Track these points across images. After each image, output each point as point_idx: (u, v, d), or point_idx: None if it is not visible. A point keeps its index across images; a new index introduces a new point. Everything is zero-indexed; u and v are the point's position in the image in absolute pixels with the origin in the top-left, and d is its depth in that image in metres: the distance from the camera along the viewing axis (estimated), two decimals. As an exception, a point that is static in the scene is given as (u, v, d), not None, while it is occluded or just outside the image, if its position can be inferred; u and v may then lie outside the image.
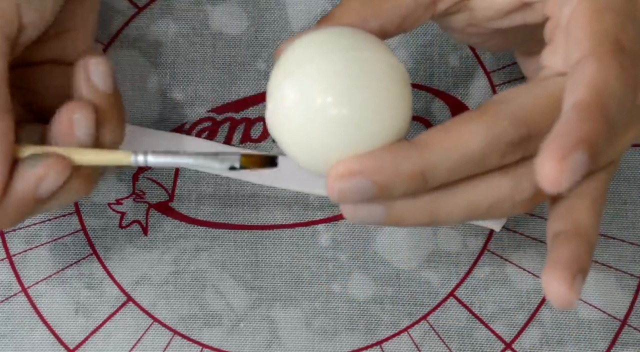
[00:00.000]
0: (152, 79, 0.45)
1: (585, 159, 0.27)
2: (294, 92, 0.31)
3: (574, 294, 0.31)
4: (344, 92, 0.31)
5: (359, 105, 0.31)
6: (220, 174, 0.44)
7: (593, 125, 0.28)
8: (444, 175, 0.31)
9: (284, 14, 0.46)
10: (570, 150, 0.27)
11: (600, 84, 0.29)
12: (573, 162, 0.27)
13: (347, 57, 0.31)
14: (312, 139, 0.31)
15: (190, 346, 0.42)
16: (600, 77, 0.29)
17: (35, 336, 0.41)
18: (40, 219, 0.43)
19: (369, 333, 0.42)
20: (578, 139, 0.27)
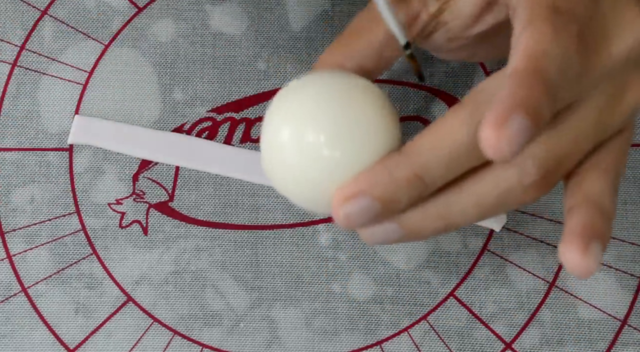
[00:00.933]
0: (152, 79, 0.45)
1: (526, 123, 0.27)
2: (285, 133, 0.32)
3: (589, 261, 0.31)
4: (332, 131, 0.32)
5: (348, 141, 0.32)
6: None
7: (529, 90, 0.28)
8: (441, 172, 0.31)
9: (284, 14, 0.46)
10: (507, 116, 0.27)
11: (533, 49, 0.29)
12: (512, 127, 0.27)
13: (333, 97, 0.32)
14: (305, 177, 0.32)
15: (190, 346, 0.42)
16: (533, 42, 0.29)
17: (35, 336, 0.41)
18: (40, 219, 0.43)
19: (369, 333, 0.42)
20: (514, 104, 0.28)
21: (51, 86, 0.45)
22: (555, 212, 0.43)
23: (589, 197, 0.33)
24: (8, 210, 0.43)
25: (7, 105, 0.44)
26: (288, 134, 0.32)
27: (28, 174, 0.44)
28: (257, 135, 0.44)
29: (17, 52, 0.45)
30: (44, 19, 0.46)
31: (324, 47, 0.45)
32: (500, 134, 0.27)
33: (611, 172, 0.33)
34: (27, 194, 0.43)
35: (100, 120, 0.44)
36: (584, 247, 0.31)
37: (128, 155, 0.44)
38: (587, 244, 0.31)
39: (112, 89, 0.45)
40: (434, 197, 0.32)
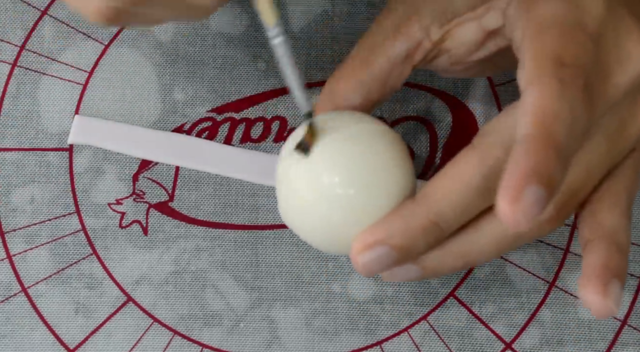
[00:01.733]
0: (152, 79, 0.45)
1: (540, 192, 0.27)
2: (302, 176, 0.33)
3: (610, 301, 0.31)
4: (348, 172, 0.33)
5: (364, 182, 0.33)
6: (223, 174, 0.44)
7: (541, 157, 0.28)
8: (456, 216, 0.32)
9: (284, 14, 0.46)
10: (521, 189, 0.27)
11: (542, 111, 0.29)
12: (527, 199, 0.27)
13: (346, 138, 0.33)
14: (323, 219, 0.33)
15: (190, 346, 0.42)
16: (541, 103, 0.29)
17: (35, 336, 0.41)
18: (40, 219, 0.43)
19: (369, 333, 0.42)
20: (526, 175, 0.27)
21: (51, 86, 0.45)
22: (555, 212, 0.43)
23: (605, 231, 0.33)
24: (8, 210, 0.43)
25: (7, 105, 0.44)
26: (303, 175, 0.33)
27: (28, 174, 0.44)
28: (257, 135, 0.44)
29: (17, 52, 0.45)
30: (44, 19, 0.46)
31: (324, 47, 0.45)
32: (516, 208, 0.27)
33: (624, 195, 0.34)
34: (27, 194, 0.43)
35: (100, 121, 0.44)
36: (604, 288, 0.31)
37: (128, 155, 0.44)
38: (607, 285, 0.31)
39: (112, 89, 0.45)
40: (452, 238, 0.33)
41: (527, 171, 0.27)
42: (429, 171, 0.44)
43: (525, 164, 0.28)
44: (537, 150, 0.28)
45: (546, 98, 0.29)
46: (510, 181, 0.27)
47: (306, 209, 0.34)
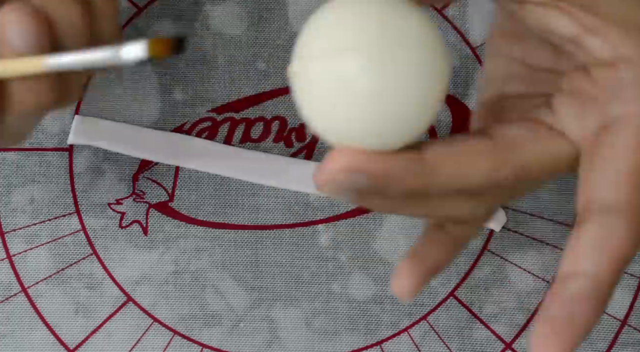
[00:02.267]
0: (152, 79, 0.45)
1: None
2: (323, 54, 0.28)
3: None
4: (376, 59, 0.28)
5: (391, 79, 0.28)
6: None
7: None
8: (440, 193, 0.31)
9: (284, 14, 0.46)
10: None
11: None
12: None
13: (384, 21, 0.28)
14: (335, 106, 0.29)
15: (190, 346, 0.42)
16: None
17: (35, 336, 0.41)
18: (40, 219, 0.43)
19: (369, 333, 0.42)
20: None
21: (51, 86, 0.45)
22: (556, 212, 0.43)
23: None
24: (8, 210, 0.43)
25: (7, 105, 0.44)
26: (324, 53, 0.28)
27: (28, 174, 0.43)
28: (257, 135, 0.44)
29: (17, 52, 0.45)
30: (44, 19, 0.46)
31: (324, 47, 0.45)
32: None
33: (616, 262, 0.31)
34: (27, 194, 0.43)
35: (100, 121, 0.44)
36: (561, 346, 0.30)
37: (128, 156, 0.44)
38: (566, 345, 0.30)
39: (112, 89, 0.45)
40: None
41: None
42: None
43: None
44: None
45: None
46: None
47: (319, 90, 0.29)
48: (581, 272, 0.30)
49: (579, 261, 0.30)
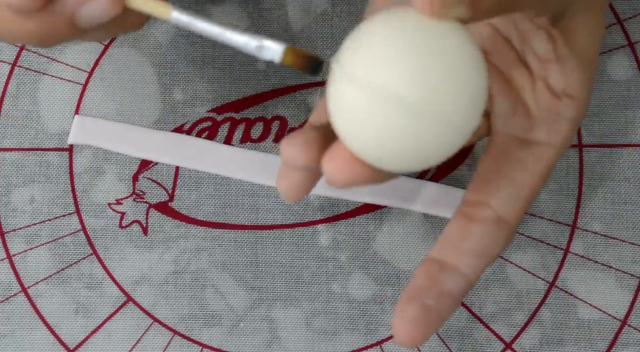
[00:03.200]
0: (152, 79, 0.45)
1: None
2: (362, 70, 0.27)
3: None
4: (415, 78, 0.27)
5: (428, 96, 0.27)
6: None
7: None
8: None
9: (284, 14, 0.46)
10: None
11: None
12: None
13: (423, 38, 0.27)
14: (374, 127, 0.27)
15: (190, 346, 0.42)
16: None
17: (35, 336, 0.41)
18: (40, 219, 0.43)
19: (369, 333, 0.42)
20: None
21: (51, 86, 0.45)
22: (556, 213, 0.43)
23: (488, 216, 0.33)
24: (8, 210, 0.43)
25: (7, 105, 0.44)
26: (363, 69, 0.27)
27: (28, 174, 0.44)
28: (257, 135, 0.44)
29: (17, 52, 0.45)
30: (44, 19, 0.46)
31: (324, 47, 0.45)
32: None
33: (526, 190, 0.33)
34: (27, 194, 0.43)
35: (100, 121, 0.44)
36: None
37: (128, 155, 0.44)
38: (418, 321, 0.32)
39: (112, 89, 0.45)
40: None
41: None
42: (429, 171, 0.44)
43: None
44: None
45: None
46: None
47: (353, 107, 0.28)
48: (459, 271, 0.32)
49: (459, 259, 0.32)
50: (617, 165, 0.44)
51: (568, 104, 0.33)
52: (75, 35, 0.31)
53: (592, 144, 0.44)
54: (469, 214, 0.33)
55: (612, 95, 0.44)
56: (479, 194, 0.33)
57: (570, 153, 0.44)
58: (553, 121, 0.33)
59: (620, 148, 0.44)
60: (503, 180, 0.33)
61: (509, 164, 0.33)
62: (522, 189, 0.33)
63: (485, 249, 0.32)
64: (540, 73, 0.33)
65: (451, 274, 0.32)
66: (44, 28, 0.30)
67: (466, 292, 0.32)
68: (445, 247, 0.33)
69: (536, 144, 0.33)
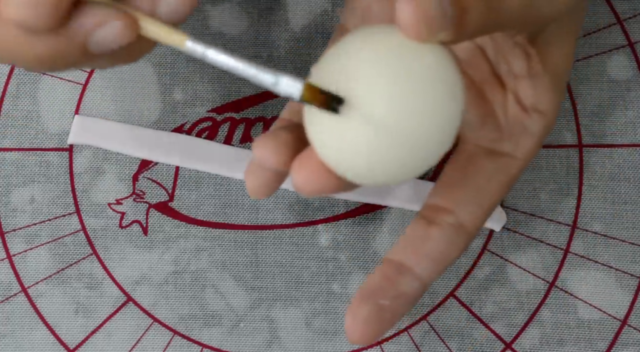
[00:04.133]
0: (152, 79, 0.45)
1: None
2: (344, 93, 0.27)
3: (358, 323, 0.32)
4: (390, 98, 0.27)
5: (403, 115, 0.27)
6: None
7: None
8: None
9: (284, 14, 0.46)
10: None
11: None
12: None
13: (401, 55, 0.27)
14: (350, 142, 0.28)
15: (190, 346, 0.42)
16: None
17: (35, 336, 0.41)
18: (40, 219, 0.43)
19: (369, 333, 0.42)
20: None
21: (51, 86, 0.45)
22: (555, 212, 0.43)
23: (448, 221, 0.33)
24: (8, 210, 0.43)
25: (7, 105, 0.44)
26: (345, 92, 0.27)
27: (28, 174, 0.44)
28: (257, 136, 0.44)
29: (17, 52, 0.45)
30: (44, 19, 0.46)
31: (324, 47, 0.45)
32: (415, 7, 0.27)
33: (487, 199, 0.34)
34: (27, 194, 0.43)
35: (100, 121, 0.44)
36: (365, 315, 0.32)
37: (128, 155, 0.44)
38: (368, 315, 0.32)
39: (112, 89, 0.45)
40: None
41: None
42: (428, 172, 0.44)
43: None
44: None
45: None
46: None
47: (335, 128, 0.28)
48: (416, 274, 0.32)
49: (417, 262, 0.32)
50: (617, 166, 0.44)
51: (536, 119, 0.33)
52: (84, 61, 0.30)
53: (592, 144, 0.44)
54: (430, 218, 0.33)
55: (612, 95, 0.44)
56: (442, 199, 0.33)
57: (570, 153, 0.44)
58: (520, 134, 0.33)
59: (620, 148, 0.44)
60: (466, 188, 0.33)
61: (474, 173, 0.34)
62: (484, 198, 0.33)
63: (443, 253, 0.33)
64: (511, 86, 0.33)
65: (408, 277, 0.32)
66: (55, 51, 0.29)
67: (421, 295, 0.33)
68: (404, 249, 0.33)
69: (502, 156, 0.34)
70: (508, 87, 0.33)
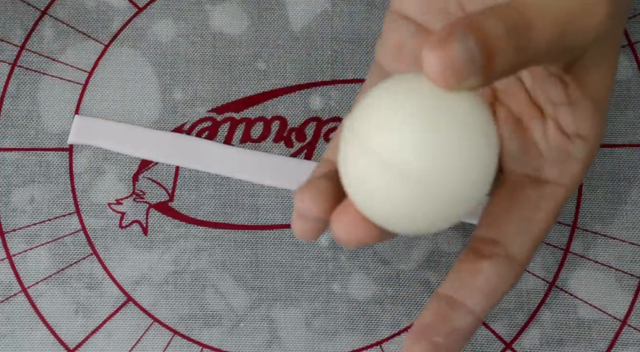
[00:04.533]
0: (152, 79, 0.45)
1: (471, 43, 0.26)
2: (368, 149, 0.28)
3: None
4: (421, 150, 0.27)
5: (437, 166, 0.27)
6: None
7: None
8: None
9: (284, 14, 0.46)
10: (451, 33, 0.26)
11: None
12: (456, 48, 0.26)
13: (432, 108, 0.27)
14: (381, 189, 0.28)
15: (190, 346, 0.42)
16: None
17: (35, 336, 0.41)
18: (40, 219, 0.43)
19: (369, 333, 0.42)
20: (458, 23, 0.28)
21: (51, 86, 0.45)
22: (555, 212, 0.43)
23: (503, 251, 0.33)
24: (8, 210, 0.43)
25: (7, 105, 0.44)
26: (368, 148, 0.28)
27: (28, 174, 0.44)
28: (257, 136, 0.44)
29: (17, 52, 0.45)
30: (44, 19, 0.46)
31: (324, 47, 0.45)
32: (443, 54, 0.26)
33: (536, 228, 0.34)
34: (27, 194, 0.43)
35: (100, 121, 0.44)
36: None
37: (128, 155, 0.44)
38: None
39: (112, 89, 0.45)
40: None
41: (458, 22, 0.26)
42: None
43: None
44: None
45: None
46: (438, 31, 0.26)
47: (366, 178, 0.28)
48: (468, 309, 0.32)
49: (468, 296, 0.32)
50: (617, 166, 0.44)
51: (579, 145, 0.32)
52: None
53: (592, 144, 0.44)
54: (479, 251, 0.33)
55: (612, 95, 0.44)
56: (489, 231, 0.33)
57: (570, 153, 0.44)
58: (564, 161, 0.33)
59: (620, 148, 0.44)
60: (514, 218, 0.33)
61: (520, 202, 0.33)
62: (532, 228, 0.33)
63: (495, 287, 0.32)
64: (551, 114, 0.32)
65: (460, 312, 0.32)
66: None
67: (475, 330, 0.32)
68: (455, 283, 0.33)
69: (547, 183, 0.33)
70: (547, 115, 0.32)
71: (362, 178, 0.28)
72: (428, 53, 0.26)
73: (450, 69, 0.26)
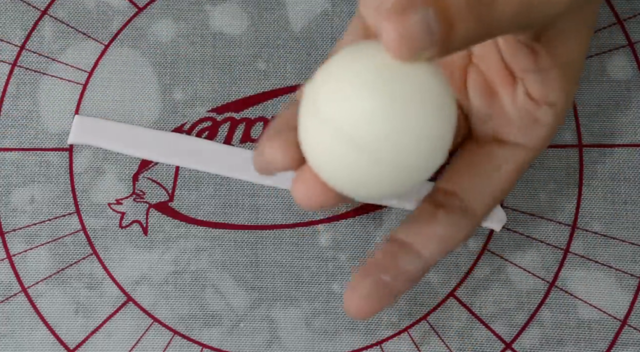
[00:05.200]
0: (152, 79, 0.45)
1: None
2: (328, 111, 0.28)
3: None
4: (373, 119, 0.27)
5: (389, 137, 0.27)
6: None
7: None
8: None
9: (284, 14, 0.46)
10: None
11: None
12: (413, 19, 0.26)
13: (387, 78, 0.27)
14: (339, 154, 0.28)
15: (190, 346, 0.42)
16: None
17: (35, 336, 0.41)
18: (40, 219, 0.43)
19: (369, 333, 0.42)
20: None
21: (51, 86, 0.45)
22: (555, 212, 0.43)
23: (459, 204, 0.34)
24: (8, 210, 0.43)
25: (7, 105, 0.44)
26: (328, 112, 0.27)
27: (28, 174, 0.44)
28: (257, 136, 0.44)
29: (17, 52, 0.45)
30: (44, 19, 0.46)
31: (324, 47, 0.45)
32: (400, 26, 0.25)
33: (498, 188, 0.35)
34: (27, 194, 0.43)
35: (100, 120, 0.44)
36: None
37: (128, 155, 0.44)
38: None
39: (112, 89, 0.45)
40: None
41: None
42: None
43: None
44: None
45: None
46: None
47: (324, 143, 0.28)
48: (419, 253, 0.33)
49: (421, 242, 0.33)
50: (617, 166, 0.44)
51: (546, 111, 0.33)
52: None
53: (592, 144, 0.44)
54: (438, 201, 0.33)
55: (612, 95, 0.44)
56: (450, 184, 0.34)
57: (570, 153, 0.44)
58: (530, 125, 0.33)
59: (620, 148, 0.44)
60: (475, 174, 0.34)
61: (481, 159, 0.34)
62: (491, 185, 0.34)
63: (448, 236, 0.33)
64: (521, 78, 0.33)
65: (411, 255, 0.33)
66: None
67: (422, 276, 0.33)
68: (410, 229, 0.34)
69: (511, 144, 0.34)
70: (518, 80, 0.33)
71: (318, 145, 0.28)
72: (385, 22, 0.25)
73: (406, 40, 0.25)
